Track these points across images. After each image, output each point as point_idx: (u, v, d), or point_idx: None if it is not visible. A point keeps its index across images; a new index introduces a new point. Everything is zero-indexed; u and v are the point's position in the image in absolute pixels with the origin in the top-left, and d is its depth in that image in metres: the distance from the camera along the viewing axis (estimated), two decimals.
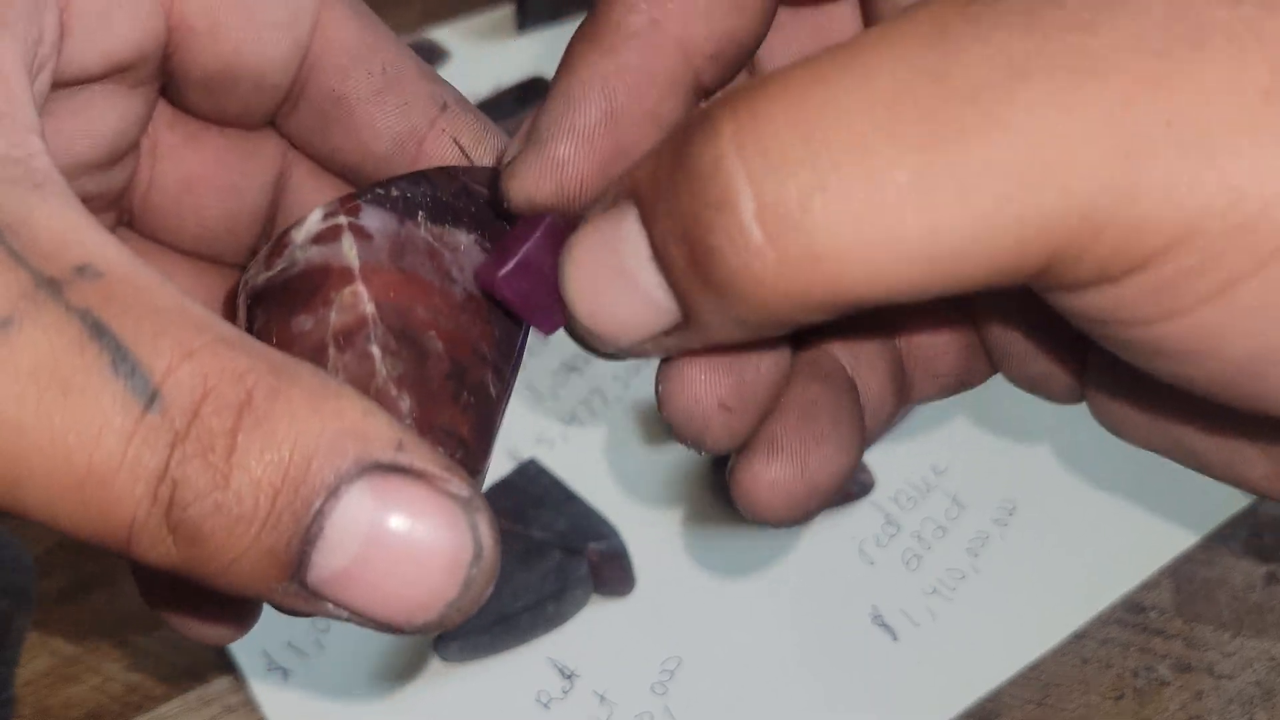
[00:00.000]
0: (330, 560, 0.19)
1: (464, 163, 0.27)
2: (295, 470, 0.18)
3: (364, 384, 0.22)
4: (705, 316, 0.20)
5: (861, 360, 0.26)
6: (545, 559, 0.45)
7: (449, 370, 0.23)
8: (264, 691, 0.43)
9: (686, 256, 0.19)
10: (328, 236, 0.23)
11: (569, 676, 0.44)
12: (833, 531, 0.48)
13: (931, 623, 0.45)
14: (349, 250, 0.23)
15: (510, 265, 0.23)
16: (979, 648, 0.44)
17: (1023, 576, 0.46)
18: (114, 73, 0.25)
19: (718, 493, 0.49)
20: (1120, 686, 0.43)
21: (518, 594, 0.44)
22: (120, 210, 0.28)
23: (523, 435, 0.51)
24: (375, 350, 0.22)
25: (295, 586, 0.19)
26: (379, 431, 0.19)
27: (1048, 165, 0.17)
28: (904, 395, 0.27)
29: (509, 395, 0.24)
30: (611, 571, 0.45)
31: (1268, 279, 0.17)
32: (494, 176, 0.25)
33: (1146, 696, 0.43)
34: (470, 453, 0.23)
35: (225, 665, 0.44)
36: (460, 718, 0.43)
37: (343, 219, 0.23)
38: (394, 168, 0.27)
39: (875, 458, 0.50)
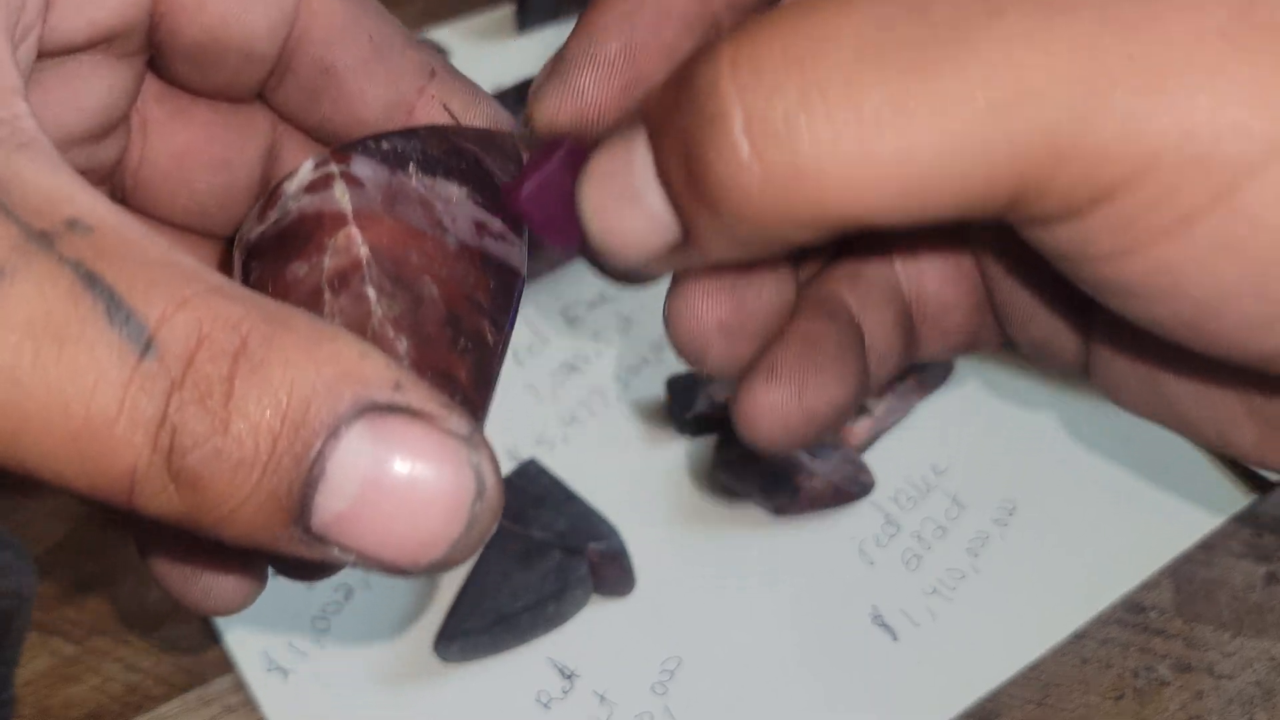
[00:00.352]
0: (333, 503, 0.19)
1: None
2: (294, 414, 0.18)
3: (360, 326, 0.22)
4: (702, 232, 0.21)
5: (869, 306, 0.27)
6: (545, 559, 0.45)
7: (445, 316, 0.23)
8: (264, 691, 0.43)
9: (684, 171, 0.20)
10: (319, 185, 0.23)
11: (569, 676, 0.44)
12: (833, 531, 0.48)
13: (931, 623, 0.45)
14: (341, 196, 0.23)
15: (532, 184, 0.24)
16: (979, 648, 0.44)
17: (1023, 576, 0.46)
18: (100, 42, 0.25)
19: (718, 493, 0.49)
20: (1120, 686, 0.43)
21: (518, 594, 0.44)
22: (112, 186, 0.28)
23: (523, 435, 0.51)
24: (370, 291, 0.22)
25: (299, 532, 0.19)
26: (376, 372, 0.19)
27: (1016, 94, 0.18)
28: (911, 348, 0.28)
29: (506, 348, 0.24)
30: (611, 571, 0.45)
31: (1221, 216, 0.18)
32: (484, 136, 0.26)
33: (1146, 696, 0.43)
34: (468, 399, 0.22)
35: (225, 665, 0.44)
36: (460, 718, 0.43)
37: (334, 168, 0.23)
38: None
39: (875, 458, 0.50)
